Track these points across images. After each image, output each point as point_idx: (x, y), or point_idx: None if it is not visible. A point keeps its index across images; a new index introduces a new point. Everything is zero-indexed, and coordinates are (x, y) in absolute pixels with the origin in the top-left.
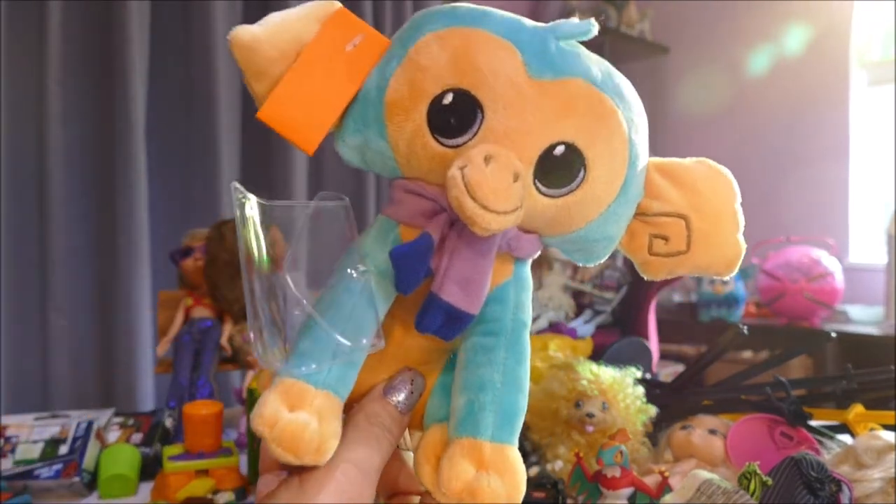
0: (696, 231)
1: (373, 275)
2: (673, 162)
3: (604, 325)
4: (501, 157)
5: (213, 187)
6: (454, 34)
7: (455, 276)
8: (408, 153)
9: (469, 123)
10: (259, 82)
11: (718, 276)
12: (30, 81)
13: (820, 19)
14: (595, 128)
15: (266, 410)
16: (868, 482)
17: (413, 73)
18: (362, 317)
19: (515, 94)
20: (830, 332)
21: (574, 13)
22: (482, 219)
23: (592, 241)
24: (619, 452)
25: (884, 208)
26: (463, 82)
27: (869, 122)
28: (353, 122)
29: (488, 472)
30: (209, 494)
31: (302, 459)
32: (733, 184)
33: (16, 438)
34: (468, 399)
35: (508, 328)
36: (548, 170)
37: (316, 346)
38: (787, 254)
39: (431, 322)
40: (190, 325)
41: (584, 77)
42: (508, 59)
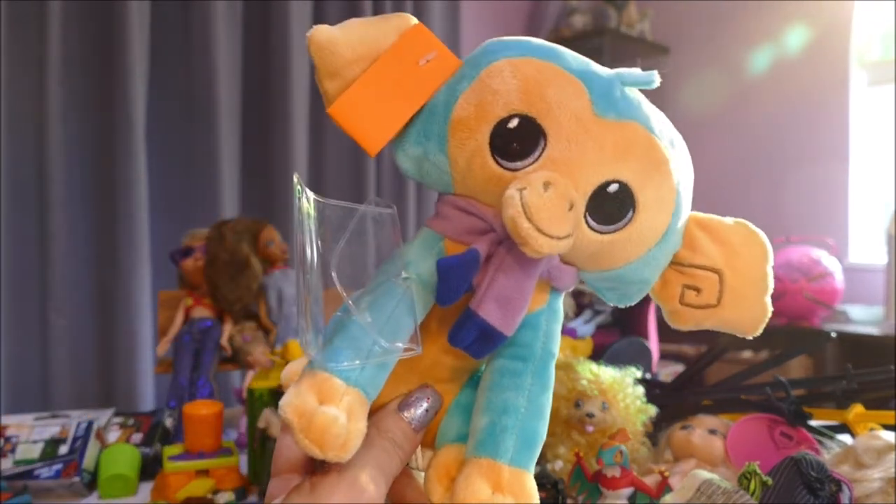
0: (729, 287)
1: (414, 283)
2: (713, 218)
3: (604, 325)
4: (560, 184)
5: (214, 187)
6: (528, 63)
7: (495, 294)
8: (465, 170)
9: (531, 149)
10: (332, 81)
11: (744, 334)
12: (30, 81)
13: (820, 19)
14: (649, 172)
15: (297, 400)
16: (868, 482)
17: (482, 94)
18: (400, 321)
19: (579, 129)
20: (830, 332)
21: (574, 13)
22: (535, 241)
23: (628, 282)
24: (619, 452)
25: (884, 208)
26: (530, 110)
27: (869, 122)
28: (417, 133)
29: (504, 495)
30: (209, 494)
31: (326, 454)
32: (768, 248)
33: (16, 438)
34: (490, 420)
35: (537, 355)
36: (600, 205)
37: (352, 344)
38: (787, 254)
39: (465, 337)
40: (190, 325)
41: (644, 124)
42: (576, 95)
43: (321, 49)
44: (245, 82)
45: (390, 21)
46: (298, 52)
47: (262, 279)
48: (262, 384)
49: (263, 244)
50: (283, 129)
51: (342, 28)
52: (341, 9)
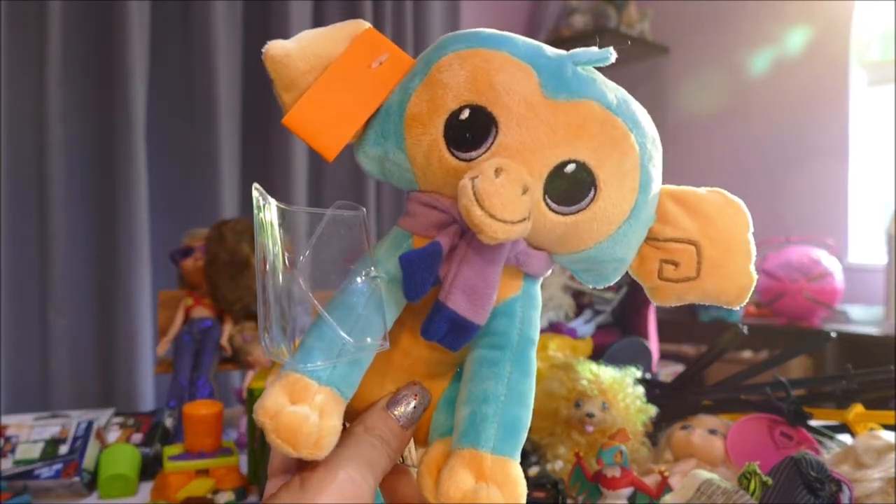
0: (707, 258)
1: (383, 281)
2: (687, 190)
3: (604, 325)
4: (512, 170)
5: (213, 187)
6: (475, 54)
7: (462, 285)
8: (424, 165)
9: (483, 138)
10: (288, 93)
11: (729, 304)
12: (30, 81)
13: (820, 19)
14: (606, 149)
15: (268, 402)
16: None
17: (433, 89)
18: (369, 319)
19: (529, 112)
20: (830, 332)
21: (574, 13)
22: (489, 227)
23: (601, 261)
24: (619, 452)
25: (884, 208)
26: (480, 99)
27: (869, 122)
28: (375, 134)
29: (488, 484)
30: (209, 494)
31: (299, 451)
32: (746, 214)
33: (16, 438)
34: (471, 410)
35: (514, 342)
36: (558, 186)
37: (322, 344)
38: (787, 254)
39: (437, 330)
40: (190, 325)
41: (598, 100)
42: (525, 80)
43: (275, 63)
44: (245, 82)
45: (343, 28)
46: None
47: None
48: (262, 384)
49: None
50: (283, 129)
51: (296, 40)
52: (341, 9)
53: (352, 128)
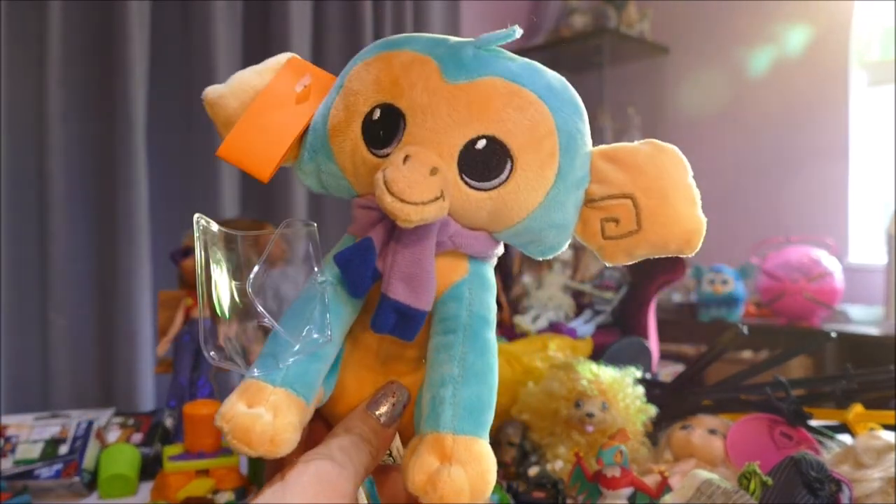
0: (644, 209)
1: (329, 284)
2: (618, 146)
3: (604, 325)
4: (418, 154)
5: (213, 187)
6: (379, 58)
7: (399, 274)
8: (353, 170)
9: (394, 132)
10: (226, 129)
11: (681, 253)
12: (30, 81)
13: (820, 19)
14: (514, 119)
15: (224, 407)
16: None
17: (347, 98)
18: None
19: (432, 99)
20: (830, 332)
21: (574, 13)
22: (401, 210)
23: (540, 230)
24: (619, 452)
25: (884, 208)
26: (387, 97)
27: (869, 122)
28: (307, 151)
29: (451, 464)
30: (209, 494)
31: (256, 450)
32: (679, 158)
33: (16, 438)
34: (431, 395)
35: (465, 324)
36: (472, 163)
37: (273, 349)
38: (787, 254)
39: (384, 322)
40: (190, 325)
41: (501, 75)
42: (425, 70)
43: (212, 105)
44: None
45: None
46: (298, 52)
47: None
48: None
49: (263, 244)
50: None
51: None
52: (341, 9)
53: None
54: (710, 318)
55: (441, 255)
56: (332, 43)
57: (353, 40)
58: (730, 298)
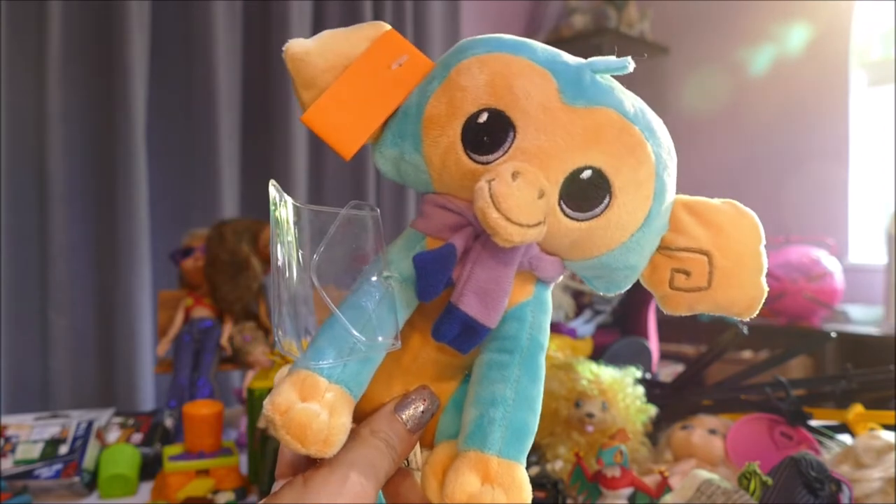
0: (718, 269)
1: (396, 281)
2: (701, 200)
3: (604, 325)
4: (528, 173)
5: (213, 187)
6: (495, 59)
7: (475, 287)
8: (441, 167)
9: (501, 142)
10: (307, 91)
11: (739, 316)
12: (30, 81)
13: (820, 19)
14: (623, 156)
15: (278, 398)
16: (868, 482)
17: (452, 92)
18: (381, 318)
19: (547, 117)
20: (830, 332)
21: (574, 13)
22: (505, 230)
23: (613, 269)
24: (619, 452)
25: (884, 208)
26: (498, 103)
27: (869, 122)
28: (392, 134)
29: (493, 487)
30: (209, 494)
31: (308, 449)
32: (759, 227)
33: (16, 438)
34: (479, 413)
35: (524, 347)
36: (574, 192)
37: (333, 342)
38: (787, 254)
39: (448, 331)
40: (190, 325)
41: (615, 108)
42: (543, 85)
43: (295, 60)
44: (245, 82)
45: (363, 30)
46: None
47: (262, 279)
48: (262, 384)
49: (263, 244)
50: (284, 129)
51: (316, 39)
52: (341, 9)
53: (369, 127)
54: (710, 318)
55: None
56: None
57: None
58: None
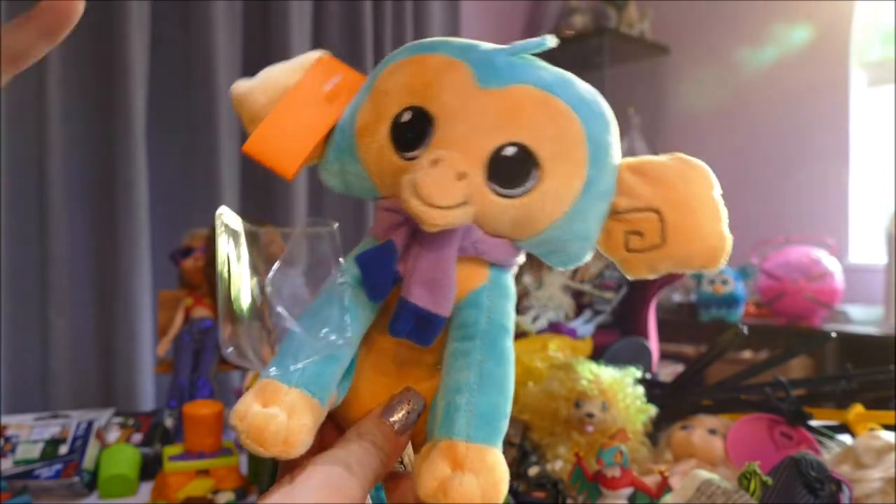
0: (670, 223)
1: (349, 285)
2: (646, 159)
3: (604, 325)
4: (445, 158)
5: (213, 187)
6: (412, 61)
7: (420, 278)
8: (378, 172)
9: (423, 136)
10: (252, 125)
11: (704, 269)
12: (30, 81)
13: (820, 19)
14: (545, 128)
15: (239, 406)
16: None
17: (378, 99)
18: (333, 320)
19: (463, 104)
20: (830, 332)
21: (574, 13)
22: (426, 214)
23: (564, 241)
24: (619, 452)
25: (884, 208)
26: (418, 100)
27: (869, 122)
28: (333, 150)
29: (463, 472)
30: (209, 494)
31: (269, 450)
32: (708, 174)
33: (16, 438)
34: (446, 402)
35: (484, 331)
36: (499, 170)
37: (290, 349)
38: (787, 254)
39: (403, 326)
40: (190, 325)
41: (533, 84)
42: (457, 75)
43: (239, 99)
44: None
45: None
46: (299, 52)
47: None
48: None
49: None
50: None
51: (257, 77)
52: (341, 9)
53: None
54: (710, 318)
55: (462, 261)
56: (332, 43)
57: (354, 40)
58: (730, 298)
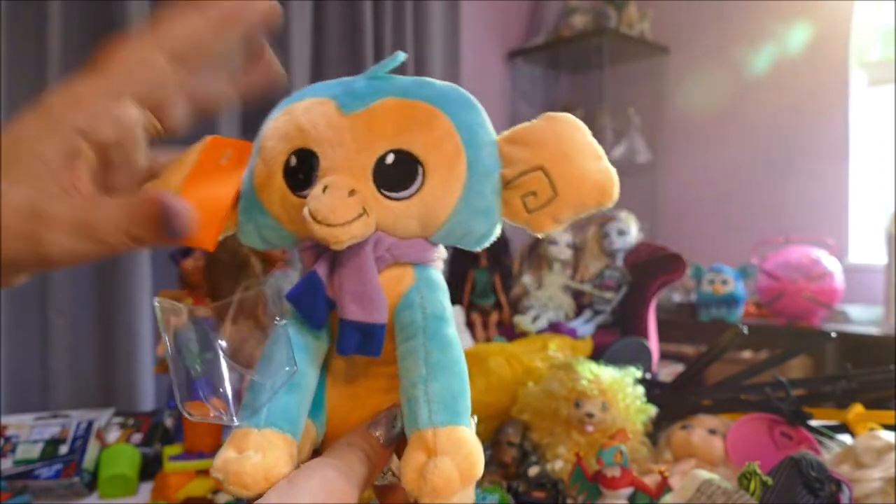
0: (555, 174)
1: (290, 324)
2: (517, 128)
3: (604, 325)
4: (334, 181)
5: None
6: (284, 113)
7: (349, 295)
8: (286, 217)
9: (312, 171)
10: None
11: (601, 206)
12: (30, 81)
13: (820, 19)
14: (412, 128)
15: (217, 460)
16: (868, 482)
17: (265, 155)
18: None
19: (336, 133)
20: (830, 332)
21: (574, 13)
22: (330, 234)
23: (469, 223)
24: (619, 452)
25: (884, 208)
26: (297, 143)
27: (869, 122)
28: (243, 215)
29: (438, 456)
30: (209, 494)
31: (253, 490)
32: (574, 121)
33: (16, 438)
34: (406, 399)
35: (422, 326)
36: (386, 178)
37: (251, 396)
38: (786, 254)
39: (348, 343)
40: None
41: (393, 95)
42: (324, 110)
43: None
44: None
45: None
46: (299, 53)
47: (263, 279)
48: None
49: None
50: None
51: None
52: (341, 8)
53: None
54: (710, 318)
55: (386, 270)
56: (332, 43)
57: (354, 41)
58: (730, 298)
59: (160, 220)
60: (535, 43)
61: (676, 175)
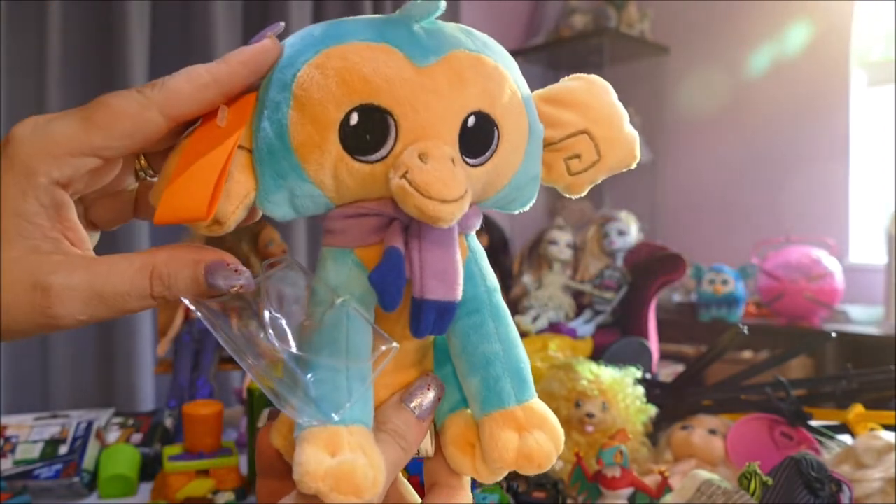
0: (600, 138)
1: (350, 302)
2: (552, 89)
3: (604, 325)
4: (433, 149)
5: None
6: (330, 56)
7: (432, 273)
8: (336, 185)
9: (384, 133)
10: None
11: (629, 167)
12: (30, 81)
13: (820, 19)
14: (489, 87)
15: (310, 466)
16: (868, 482)
17: (310, 108)
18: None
19: (412, 89)
20: (830, 332)
21: (574, 13)
22: (445, 212)
23: (522, 186)
24: (619, 452)
25: (884, 208)
26: (361, 98)
27: (869, 122)
28: (271, 178)
29: (531, 432)
30: (209, 494)
31: (364, 497)
32: (606, 84)
33: (16, 438)
34: (481, 377)
35: (485, 300)
36: (470, 142)
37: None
38: (787, 254)
39: (426, 324)
40: (190, 325)
41: (459, 47)
42: (391, 59)
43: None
44: None
45: None
46: None
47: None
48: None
49: (263, 244)
50: None
51: None
52: (341, 8)
53: (207, 184)
54: (710, 318)
55: None
56: None
57: None
58: (730, 298)
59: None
60: (535, 43)
61: (676, 175)
